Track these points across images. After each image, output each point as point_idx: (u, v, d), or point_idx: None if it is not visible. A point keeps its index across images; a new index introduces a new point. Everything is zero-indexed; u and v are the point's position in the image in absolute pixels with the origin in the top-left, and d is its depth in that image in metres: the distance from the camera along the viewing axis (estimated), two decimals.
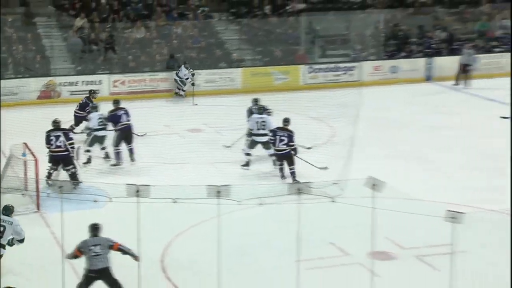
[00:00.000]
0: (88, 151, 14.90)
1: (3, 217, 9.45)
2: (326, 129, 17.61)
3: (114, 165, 14.95)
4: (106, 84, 21.48)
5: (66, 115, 18.75)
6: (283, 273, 9.99)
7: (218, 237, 8.83)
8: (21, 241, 9.55)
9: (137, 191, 8.67)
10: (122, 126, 14.96)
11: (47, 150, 13.70)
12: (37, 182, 12.63)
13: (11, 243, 9.39)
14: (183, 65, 21.47)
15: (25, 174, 13.24)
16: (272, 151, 14.49)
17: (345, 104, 16.77)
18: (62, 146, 13.60)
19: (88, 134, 15.14)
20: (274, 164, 14.49)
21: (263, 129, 14.73)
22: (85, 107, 16.72)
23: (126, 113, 15.14)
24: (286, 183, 13.43)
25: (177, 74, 21.46)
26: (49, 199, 12.25)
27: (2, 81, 20.86)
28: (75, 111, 17.16)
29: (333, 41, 25.10)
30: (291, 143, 13.98)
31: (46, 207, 12.56)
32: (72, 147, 13.75)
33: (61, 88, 21.40)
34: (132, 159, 15.03)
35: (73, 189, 13.02)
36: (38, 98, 21.14)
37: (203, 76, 22.49)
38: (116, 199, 12.77)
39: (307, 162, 14.47)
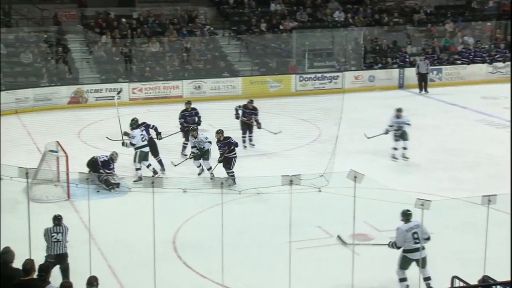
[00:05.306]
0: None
1: None
2: (314, 129, 17.60)
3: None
4: (126, 91, 21.43)
5: (92, 117, 18.85)
6: (276, 251, 9.99)
7: (222, 221, 8.82)
8: None
9: (152, 183, 8.65)
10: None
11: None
12: (67, 174, 12.59)
13: None
14: None
15: (58, 167, 13.23)
16: None
17: (330, 107, 16.73)
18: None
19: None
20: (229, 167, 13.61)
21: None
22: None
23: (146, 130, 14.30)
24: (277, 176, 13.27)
25: None
26: (78, 189, 12.23)
27: (38, 88, 20.90)
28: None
29: (320, 54, 25.06)
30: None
31: (76, 196, 12.53)
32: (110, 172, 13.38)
33: (88, 94, 21.36)
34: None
35: (114, 189, 13.10)
36: (68, 103, 21.09)
37: (208, 84, 22.50)
38: (135, 189, 12.85)
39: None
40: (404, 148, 15.23)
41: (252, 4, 26.57)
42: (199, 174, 13.97)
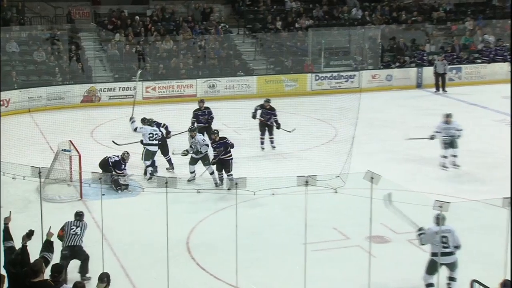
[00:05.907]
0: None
1: None
2: (330, 129, 17.53)
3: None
4: (139, 90, 21.45)
5: (105, 116, 18.90)
6: (291, 253, 9.96)
7: (236, 222, 8.79)
8: None
9: (166, 183, 8.63)
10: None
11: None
12: (80, 174, 12.64)
13: None
14: None
15: (70, 167, 13.28)
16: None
17: (346, 107, 16.65)
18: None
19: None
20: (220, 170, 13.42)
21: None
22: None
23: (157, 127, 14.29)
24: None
25: None
26: (91, 189, 12.27)
27: (51, 87, 21.02)
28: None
29: (336, 53, 24.96)
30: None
31: (88, 195, 12.58)
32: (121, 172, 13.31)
33: (101, 93, 21.44)
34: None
35: (123, 191, 13.10)
36: (81, 102, 21.18)
37: (223, 83, 22.50)
38: (148, 189, 12.88)
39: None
40: (454, 156, 14.55)
41: (268, 1, 26.55)
42: (188, 180, 13.42)
